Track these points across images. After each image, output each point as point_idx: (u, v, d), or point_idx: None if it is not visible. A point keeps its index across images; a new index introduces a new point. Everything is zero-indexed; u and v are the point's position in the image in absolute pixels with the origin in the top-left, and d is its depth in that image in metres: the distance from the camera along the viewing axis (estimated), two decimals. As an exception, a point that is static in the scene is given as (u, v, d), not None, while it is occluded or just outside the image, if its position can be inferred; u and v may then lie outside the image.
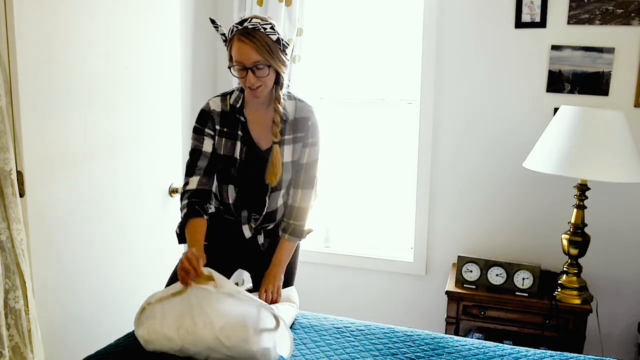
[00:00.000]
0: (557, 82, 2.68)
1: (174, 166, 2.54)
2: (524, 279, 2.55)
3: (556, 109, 2.59)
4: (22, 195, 1.85)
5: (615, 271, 2.74)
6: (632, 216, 2.68)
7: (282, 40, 1.82)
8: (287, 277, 2.05)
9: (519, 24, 2.69)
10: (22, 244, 1.80)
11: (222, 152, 1.94)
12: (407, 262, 3.05)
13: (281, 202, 2.02)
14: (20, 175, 1.84)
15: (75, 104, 2.04)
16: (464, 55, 2.80)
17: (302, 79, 2.95)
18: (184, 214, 1.90)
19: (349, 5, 3.08)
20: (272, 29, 1.79)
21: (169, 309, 1.70)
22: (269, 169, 1.91)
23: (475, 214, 2.90)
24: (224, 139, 1.93)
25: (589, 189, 2.44)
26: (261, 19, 1.80)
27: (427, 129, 2.89)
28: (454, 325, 2.64)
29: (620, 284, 2.74)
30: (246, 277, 3.05)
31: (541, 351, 1.84)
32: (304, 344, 1.83)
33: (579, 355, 1.81)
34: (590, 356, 1.80)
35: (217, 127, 1.93)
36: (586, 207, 2.46)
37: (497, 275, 2.59)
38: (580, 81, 2.65)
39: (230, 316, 1.65)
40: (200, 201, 1.90)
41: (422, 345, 1.85)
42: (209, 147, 1.93)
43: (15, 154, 1.80)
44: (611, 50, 2.58)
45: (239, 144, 1.93)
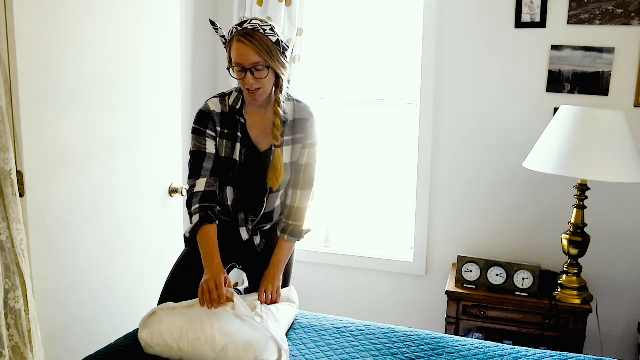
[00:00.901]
0: (557, 82, 2.68)
1: (174, 166, 2.54)
2: (524, 279, 2.55)
3: (556, 109, 2.59)
4: (22, 195, 1.85)
5: (615, 271, 2.74)
6: (632, 216, 2.69)
7: (281, 42, 1.82)
8: (284, 278, 2.05)
9: (519, 24, 2.69)
10: (22, 244, 1.80)
11: (223, 154, 1.93)
12: (407, 262, 3.05)
13: (278, 202, 2.01)
14: (20, 175, 1.84)
15: (75, 104, 2.04)
16: (464, 55, 2.80)
17: (302, 79, 2.95)
18: (198, 220, 1.87)
19: (349, 5, 3.08)
20: (271, 30, 1.79)
21: (176, 317, 1.70)
22: (270, 172, 1.90)
23: (475, 214, 2.90)
24: (224, 140, 1.92)
25: (589, 189, 2.44)
26: (261, 21, 1.80)
27: (427, 129, 2.89)
28: (454, 325, 2.64)
29: (620, 284, 2.74)
30: (245, 277, 3.04)
31: (541, 351, 1.84)
32: (304, 344, 1.83)
33: (579, 355, 1.81)
34: (590, 356, 1.80)
35: (218, 129, 1.92)
36: (586, 207, 2.46)
37: (497, 275, 2.59)
38: (580, 81, 2.65)
39: (234, 339, 1.64)
40: (211, 205, 1.89)
41: (422, 345, 1.85)
42: (212, 148, 1.91)
43: (15, 154, 1.80)
44: (611, 50, 2.58)
45: (238, 145, 1.92)
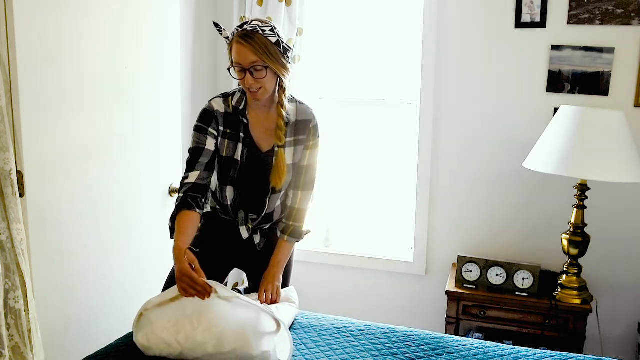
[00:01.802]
0: (557, 82, 2.68)
1: (174, 166, 2.54)
2: (524, 279, 2.55)
3: (556, 109, 2.59)
4: (22, 195, 1.85)
5: (615, 271, 2.74)
6: (632, 216, 2.68)
7: (282, 42, 1.82)
8: (284, 278, 2.05)
9: (519, 24, 2.69)
10: (22, 244, 1.80)
11: (224, 153, 1.93)
12: (407, 262, 3.04)
13: (279, 202, 2.02)
14: (20, 175, 1.84)
15: (75, 104, 2.04)
16: (464, 55, 2.80)
17: (302, 79, 2.95)
18: (176, 205, 1.87)
19: (349, 5, 3.08)
20: (271, 31, 1.79)
21: (167, 314, 1.69)
22: (274, 173, 1.91)
23: (475, 214, 2.90)
24: (226, 140, 1.93)
25: (589, 189, 2.44)
26: (261, 22, 1.80)
27: (427, 129, 2.89)
28: (454, 325, 2.64)
29: (620, 284, 2.74)
30: (245, 277, 3.04)
31: (541, 351, 1.84)
32: (303, 344, 1.83)
33: (579, 355, 1.81)
34: (590, 356, 1.80)
35: (221, 129, 1.92)
36: (586, 207, 2.46)
37: (497, 275, 2.58)
38: (580, 81, 2.65)
39: (229, 321, 1.65)
40: (195, 195, 1.88)
41: (422, 345, 1.85)
42: (211, 145, 1.91)
43: (15, 154, 1.80)
44: (611, 50, 2.58)
45: (240, 145, 1.92)
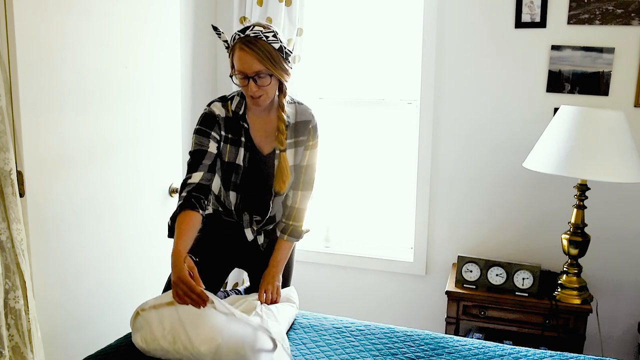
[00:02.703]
0: (557, 82, 2.68)
1: (174, 166, 2.54)
2: (524, 279, 2.55)
3: (556, 109, 2.59)
4: (22, 195, 1.85)
5: (615, 271, 2.74)
6: (632, 216, 2.68)
7: (284, 48, 1.80)
8: (285, 278, 2.05)
9: (519, 24, 2.69)
10: (22, 244, 1.80)
11: (226, 159, 1.92)
12: (407, 262, 3.05)
13: (281, 204, 2.02)
14: (20, 175, 1.84)
15: (75, 104, 2.04)
16: (464, 55, 2.80)
17: (302, 79, 2.95)
18: (179, 205, 1.81)
19: (349, 5, 3.08)
20: (274, 37, 1.76)
21: (162, 318, 1.65)
22: (277, 177, 1.90)
23: (475, 214, 2.90)
24: (228, 145, 1.91)
25: (589, 189, 2.44)
26: (264, 27, 1.77)
27: (427, 129, 2.89)
28: (454, 325, 2.64)
29: (620, 284, 2.74)
30: (245, 277, 3.05)
31: (541, 351, 1.84)
32: (303, 344, 1.83)
33: (579, 355, 1.81)
34: (590, 356, 1.80)
35: (223, 133, 1.90)
36: (586, 207, 2.46)
37: (497, 275, 2.58)
38: (580, 81, 2.65)
39: (226, 334, 1.62)
40: (199, 195, 1.82)
41: (422, 345, 1.85)
42: (214, 148, 1.88)
43: (15, 154, 1.80)
44: (611, 50, 2.58)
45: (242, 150, 1.91)
